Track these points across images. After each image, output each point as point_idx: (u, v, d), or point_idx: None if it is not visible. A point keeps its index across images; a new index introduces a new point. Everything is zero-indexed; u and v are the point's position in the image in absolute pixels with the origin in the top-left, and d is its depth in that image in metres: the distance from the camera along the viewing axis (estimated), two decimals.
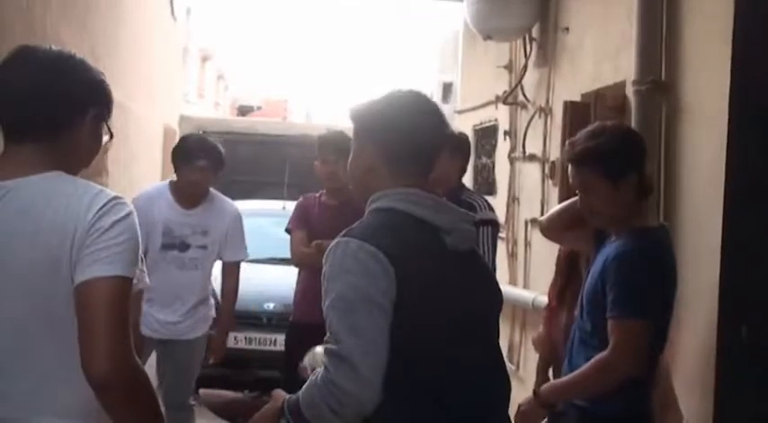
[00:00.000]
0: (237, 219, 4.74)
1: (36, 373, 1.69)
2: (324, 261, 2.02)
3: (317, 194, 4.71)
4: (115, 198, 1.73)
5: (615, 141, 2.69)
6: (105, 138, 1.88)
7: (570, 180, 2.81)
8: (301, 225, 4.58)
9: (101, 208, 1.69)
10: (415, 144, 2.05)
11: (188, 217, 4.62)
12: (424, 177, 2.08)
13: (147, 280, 3.88)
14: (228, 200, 4.79)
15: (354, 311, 1.90)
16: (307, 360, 2.35)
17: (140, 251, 1.77)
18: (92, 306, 1.64)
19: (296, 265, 4.68)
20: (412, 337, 1.94)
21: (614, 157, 2.66)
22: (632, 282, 2.55)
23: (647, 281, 2.56)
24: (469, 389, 2.00)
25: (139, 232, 1.74)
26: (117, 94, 7.16)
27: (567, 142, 2.89)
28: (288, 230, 4.66)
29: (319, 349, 2.30)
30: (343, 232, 2.01)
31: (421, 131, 2.06)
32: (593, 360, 2.57)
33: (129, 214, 1.73)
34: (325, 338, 1.95)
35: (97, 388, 1.63)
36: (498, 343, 2.19)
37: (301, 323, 4.47)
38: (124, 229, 1.70)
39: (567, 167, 2.80)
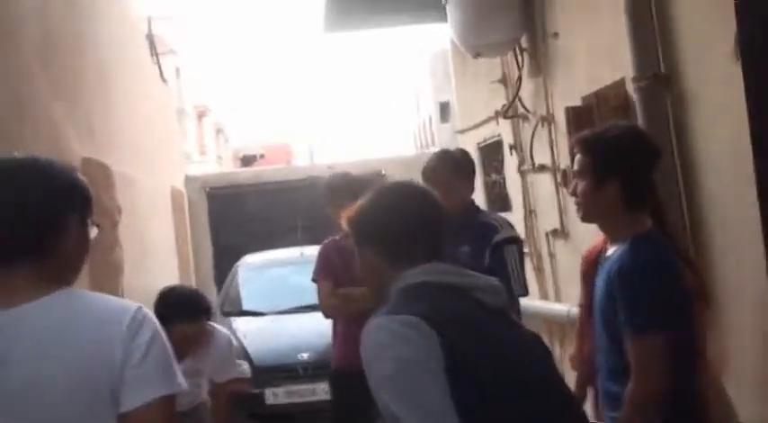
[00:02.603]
0: (228, 346, 4.51)
1: None
2: (361, 349, 1.83)
3: (337, 238, 4.62)
4: (138, 310, 1.66)
5: (610, 141, 2.61)
6: (94, 231, 1.78)
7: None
8: (326, 274, 4.48)
9: (130, 324, 1.63)
10: (411, 233, 1.98)
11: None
12: (436, 259, 1.99)
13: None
14: (219, 330, 4.52)
15: (403, 383, 1.72)
16: None
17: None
18: None
19: (326, 317, 4.58)
20: (477, 402, 1.76)
21: (601, 155, 2.60)
22: (640, 295, 2.44)
23: (654, 291, 2.44)
24: None
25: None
26: (120, 167, 7.04)
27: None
28: (314, 281, 4.57)
29: None
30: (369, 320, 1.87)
31: (413, 220, 1.99)
32: (625, 400, 2.44)
33: (157, 326, 1.67)
34: None
35: None
36: (569, 391, 2.00)
37: (344, 372, 4.38)
38: (160, 346, 1.66)
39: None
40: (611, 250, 2.62)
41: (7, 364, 1.59)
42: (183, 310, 3.98)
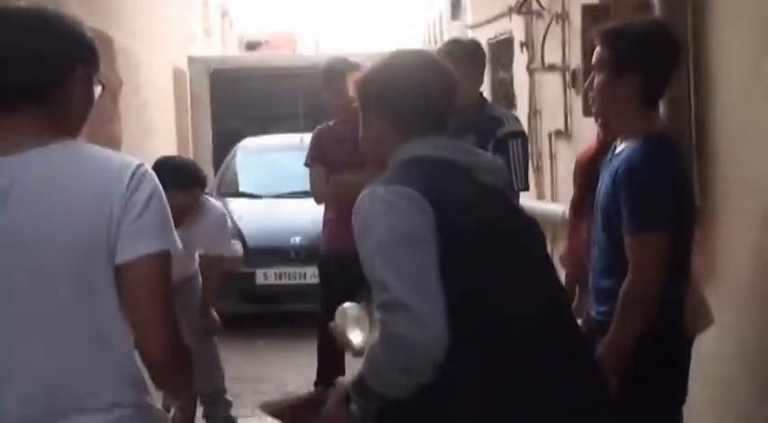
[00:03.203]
0: (222, 219, 4.47)
1: (76, 349, 1.62)
2: (353, 220, 1.82)
3: (331, 124, 4.58)
4: (140, 166, 1.65)
5: (631, 34, 2.53)
6: (98, 89, 1.74)
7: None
8: (319, 159, 4.48)
9: (130, 179, 1.62)
10: (423, 102, 1.92)
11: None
12: (442, 133, 1.95)
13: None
14: (214, 204, 4.47)
15: (395, 252, 1.71)
16: (338, 318, 2.17)
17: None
18: (143, 285, 1.62)
19: (317, 203, 4.59)
20: (465, 278, 1.75)
21: (621, 48, 2.52)
22: (646, 194, 2.43)
23: (661, 191, 2.43)
24: (536, 321, 1.82)
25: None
26: (125, 41, 6.95)
27: None
28: (306, 165, 4.56)
29: (348, 305, 2.17)
30: (366, 187, 1.85)
31: (426, 89, 1.93)
32: (619, 297, 2.45)
33: (157, 184, 1.66)
34: (372, 295, 1.75)
35: (151, 366, 1.65)
36: (558, 279, 2.01)
37: (333, 253, 4.41)
38: (158, 203, 1.65)
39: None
40: (621, 147, 2.58)
41: (6, 207, 1.57)
42: (178, 179, 3.96)
